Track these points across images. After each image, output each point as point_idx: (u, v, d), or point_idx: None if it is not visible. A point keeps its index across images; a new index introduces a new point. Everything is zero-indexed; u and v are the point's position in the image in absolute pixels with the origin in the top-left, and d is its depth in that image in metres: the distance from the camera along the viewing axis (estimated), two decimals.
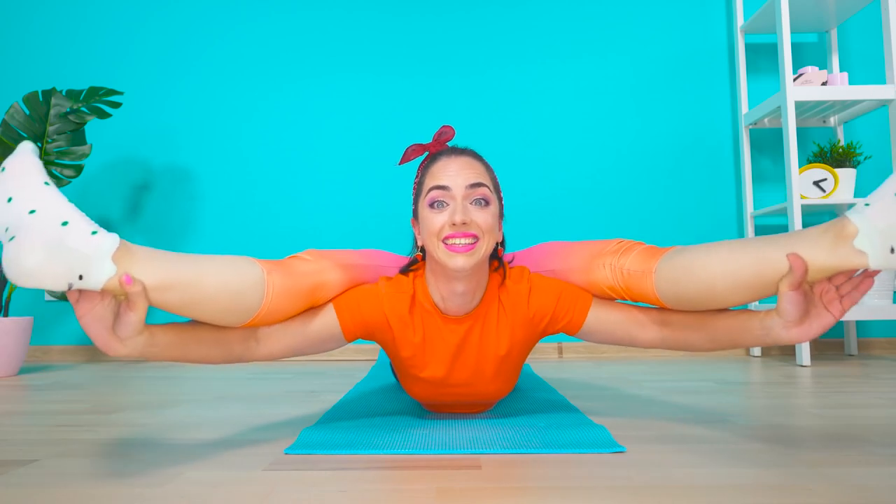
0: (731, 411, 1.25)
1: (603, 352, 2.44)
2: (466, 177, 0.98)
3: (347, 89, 2.60)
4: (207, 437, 1.07)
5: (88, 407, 1.42)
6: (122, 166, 2.64)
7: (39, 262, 0.67)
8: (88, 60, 2.67)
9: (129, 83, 2.66)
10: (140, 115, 2.65)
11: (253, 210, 2.58)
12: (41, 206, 0.70)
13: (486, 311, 1.09)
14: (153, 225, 2.60)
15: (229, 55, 2.64)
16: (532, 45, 2.59)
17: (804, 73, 2.22)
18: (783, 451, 0.92)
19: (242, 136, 2.62)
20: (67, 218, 0.70)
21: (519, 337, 1.11)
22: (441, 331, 1.08)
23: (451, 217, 0.96)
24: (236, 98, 2.63)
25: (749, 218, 2.41)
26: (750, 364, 2.10)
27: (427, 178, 1.02)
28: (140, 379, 1.93)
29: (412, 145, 1.10)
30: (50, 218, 0.69)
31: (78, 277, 0.69)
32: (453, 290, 1.03)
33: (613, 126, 2.55)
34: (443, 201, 0.98)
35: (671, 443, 0.98)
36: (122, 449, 1.00)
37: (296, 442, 1.00)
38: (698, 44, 2.57)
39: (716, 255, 0.89)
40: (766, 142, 2.53)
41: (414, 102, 2.59)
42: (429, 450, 0.94)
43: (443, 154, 1.04)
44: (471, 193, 0.98)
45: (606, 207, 2.51)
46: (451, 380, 1.12)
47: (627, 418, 1.19)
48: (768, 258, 0.83)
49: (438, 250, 0.97)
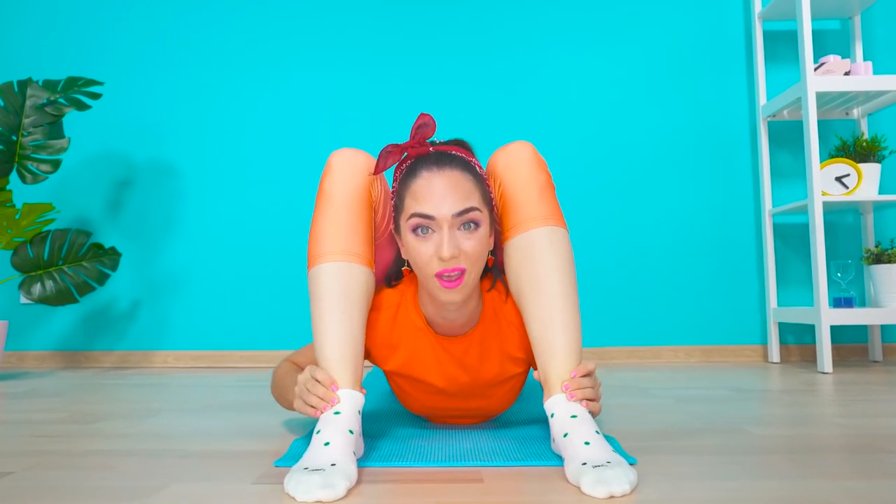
0: (747, 421, 1.25)
1: (612, 358, 2.44)
2: (453, 202, 0.94)
3: (339, 80, 2.60)
4: (192, 449, 1.07)
5: (66, 416, 1.41)
6: (102, 161, 2.64)
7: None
8: (67, 49, 2.67)
9: (109, 73, 2.66)
10: (121, 106, 2.65)
11: (241, 207, 2.58)
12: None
13: (484, 331, 1.09)
14: (135, 223, 2.60)
15: (216, 43, 2.64)
16: (538, 33, 2.59)
17: (826, 62, 2.22)
18: (803, 463, 0.92)
19: (230, 130, 2.62)
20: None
21: (521, 355, 1.11)
22: (435, 350, 1.08)
23: (438, 250, 0.93)
24: (224, 89, 2.63)
25: (767, 216, 2.41)
26: (768, 371, 2.10)
27: (408, 199, 0.96)
28: (121, 386, 1.93)
29: (387, 147, 1.02)
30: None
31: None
32: (445, 311, 1.04)
33: (623, 118, 2.55)
34: (427, 227, 0.95)
35: (684, 454, 0.98)
36: (101, 461, 1.00)
37: (286, 454, 1.00)
38: (714, 31, 2.57)
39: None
40: (786, 135, 2.53)
41: (412, 93, 2.59)
42: (428, 462, 0.94)
43: (423, 166, 0.97)
44: (457, 221, 0.95)
45: (615, 204, 2.51)
46: (446, 400, 1.13)
47: (638, 428, 1.19)
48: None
49: (430, 283, 0.96)
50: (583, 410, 0.93)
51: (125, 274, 2.58)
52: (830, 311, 2.03)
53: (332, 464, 0.84)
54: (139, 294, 2.57)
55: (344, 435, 0.90)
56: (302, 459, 0.87)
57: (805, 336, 2.46)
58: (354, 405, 0.94)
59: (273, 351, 2.51)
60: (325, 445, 0.88)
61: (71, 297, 2.26)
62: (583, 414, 0.92)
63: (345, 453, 0.87)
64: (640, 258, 2.50)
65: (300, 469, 0.83)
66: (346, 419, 0.92)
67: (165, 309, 2.56)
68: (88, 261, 2.31)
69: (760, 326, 2.46)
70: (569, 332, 0.98)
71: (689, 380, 1.90)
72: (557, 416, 0.93)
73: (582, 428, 0.90)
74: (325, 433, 0.90)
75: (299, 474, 0.81)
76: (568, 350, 0.97)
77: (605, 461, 0.83)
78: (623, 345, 2.46)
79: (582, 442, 0.88)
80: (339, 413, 0.92)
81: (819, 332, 2.03)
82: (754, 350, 2.44)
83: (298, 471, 0.82)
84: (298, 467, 0.84)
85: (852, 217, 2.48)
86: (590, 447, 0.87)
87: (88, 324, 2.58)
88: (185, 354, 2.53)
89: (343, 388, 0.96)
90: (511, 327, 1.09)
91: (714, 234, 2.50)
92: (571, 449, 0.88)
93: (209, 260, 2.57)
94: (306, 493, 0.77)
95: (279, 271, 2.55)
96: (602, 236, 2.51)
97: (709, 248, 2.49)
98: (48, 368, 2.51)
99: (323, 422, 0.92)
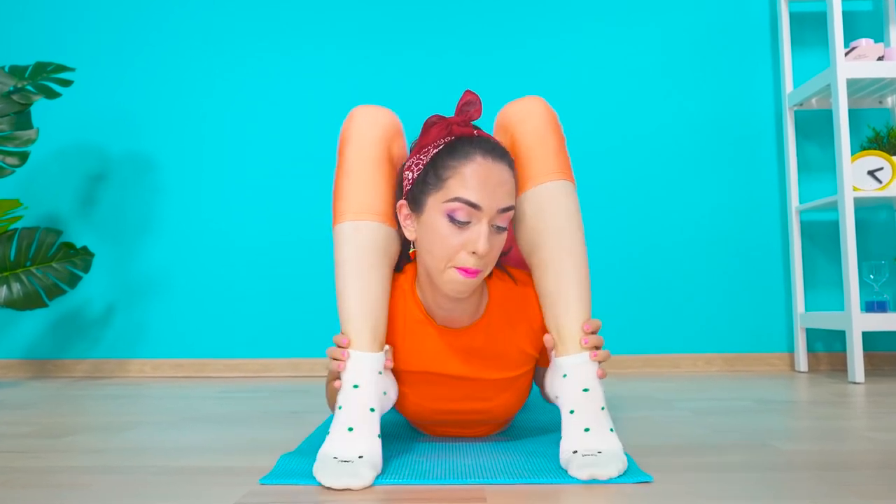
0: (772, 435, 1.25)
1: (626, 367, 2.44)
2: (501, 198, 0.98)
3: (330, 66, 2.60)
4: (172, 465, 1.07)
5: (34, 430, 1.41)
6: (74, 153, 2.64)
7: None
8: (35, 32, 2.67)
9: (81, 58, 2.66)
10: (94, 94, 2.65)
11: (225, 203, 2.58)
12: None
13: (489, 323, 1.10)
14: (109, 220, 2.60)
15: (197, 26, 2.64)
16: (546, 18, 2.59)
17: (857, 46, 2.22)
18: (833, 480, 0.92)
19: (213, 120, 2.62)
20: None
21: (530, 350, 1.12)
22: (435, 342, 1.09)
23: (473, 244, 0.96)
24: (206, 76, 2.63)
25: (794, 213, 2.41)
26: (794, 380, 2.10)
27: (453, 179, 0.97)
28: (94, 398, 1.93)
29: (431, 118, 1.04)
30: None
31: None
32: (445, 302, 1.06)
33: (637, 108, 2.55)
34: (468, 221, 0.97)
35: (704, 471, 0.98)
36: (73, 479, 1.00)
37: (273, 470, 1.00)
38: (736, 13, 2.57)
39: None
40: (814, 125, 2.53)
41: (409, 84, 2.59)
42: (427, 479, 0.94)
43: (477, 149, 0.98)
44: (499, 218, 0.98)
45: (628, 201, 2.51)
46: (445, 401, 1.13)
47: (654, 443, 1.19)
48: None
49: (445, 273, 0.98)
50: (595, 382, 1.02)
51: (99, 276, 2.58)
52: (862, 315, 2.03)
53: (359, 456, 0.94)
54: (114, 298, 2.57)
55: (366, 417, 0.98)
56: (327, 444, 0.97)
57: (835, 343, 2.46)
58: (373, 368, 1.01)
59: (260, 359, 2.51)
60: (350, 431, 0.97)
61: (40, 300, 2.26)
62: (594, 387, 1.01)
63: (370, 443, 0.96)
64: (656, 259, 2.50)
65: (329, 458, 0.94)
66: (365, 394, 0.99)
67: (142, 314, 2.56)
68: (59, 261, 2.32)
69: (786, 333, 2.46)
70: (583, 288, 1.06)
71: (709, 390, 1.90)
72: (570, 382, 1.02)
73: (589, 406, 1.00)
74: (346, 412, 0.98)
75: (328, 464, 0.93)
76: (584, 305, 1.05)
77: (597, 451, 0.95)
78: (638, 353, 2.46)
79: (582, 428, 0.98)
80: (358, 386, 1.00)
81: (850, 339, 2.03)
82: (780, 358, 2.44)
83: (327, 460, 0.94)
84: (326, 455, 0.95)
85: (886, 214, 2.48)
86: (588, 434, 0.98)
87: (59, 330, 2.58)
88: (163, 363, 2.53)
89: (360, 349, 1.02)
90: (520, 321, 1.11)
91: (736, 233, 2.50)
92: (571, 431, 0.99)
93: (190, 261, 2.57)
94: (336, 480, 0.89)
95: (267, 273, 2.55)
96: (614, 235, 2.51)
97: (730, 248, 2.49)
98: (15, 378, 2.51)
99: (344, 393, 1.00)
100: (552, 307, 1.05)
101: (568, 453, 0.97)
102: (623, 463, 0.94)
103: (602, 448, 0.96)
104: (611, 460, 0.93)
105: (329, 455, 0.95)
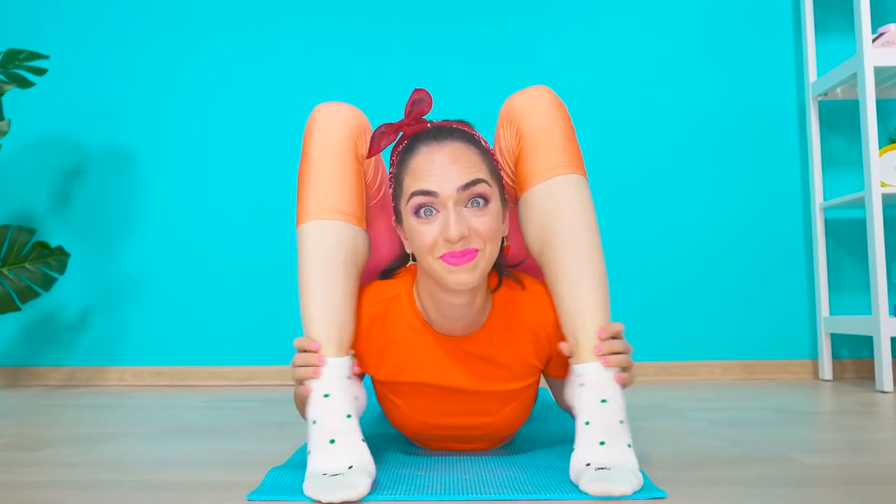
0: (794, 447, 1.25)
1: (640, 375, 2.44)
2: (457, 175, 0.97)
3: (321, 52, 2.60)
4: (153, 479, 1.07)
5: (6, 442, 1.41)
6: (49, 147, 2.64)
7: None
8: (6, 16, 2.67)
9: (56, 46, 2.66)
10: (70, 84, 2.65)
11: (209, 201, 2.58)
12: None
13: (492, 332, 1.09)
14: (86, 218, 2.60)
15: (179, 11, 2.64)
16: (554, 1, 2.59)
17: (886, 31, 2.22)
18: (859, 496, 0.92)
19: (197, 112, 2.62)
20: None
21: (535, 361, 1.12)
22: (433, 351, 1.09)
23: (444, 231, 0.96)
24: (189, 64, 2.63)
25: (818, 210, 2.41)
26: (818, 389, 2.10)
27: (406, 177, 1.01)
28: (70, 407, 1.93)
29: (379, 127, 1.06)
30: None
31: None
32: (450, 302, 1.04)
33: (651, 99, 2.55)
34: (430, 208, 0.98)
35: (720, 485, 0.98)
36: (47, 494, 0.99)
37: (261, 485, 1.00)
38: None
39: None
40: (839, 117, 2.53)
41: (406, 71, 2.59)
42: (425, 495, 0.94)
43: (421, 141, 1.02)
44: (464, 196, 0.98)
45: (641, 198, 2.51)
46: (444, 415, 1.13)
47: (668, 454, 1.19)
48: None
49: (435, 266, 0.99)
50: (614, 392, 1.01)
51: (75, 277, 2.58)
52: (891, 320, 2.03)
53: (349, 466, 0.95)
54: (91, 301, 2.57)
55: (344, 425, 0.99)
56: (312, 461, 0.97)
57: (862, 349, 2.46)
58: (342, 374, 1.02)
59: (245, 367, 2.51)
60: (332, 444, 0.97)
61: (11, 304, 2.26)
62: (613, 397, 1.00)
63: (355, 450, 0.97)
64: (670, 260, 2.50)
65: (317, 475, 0.94)
66: (337, 402, 1.00)
67: (122, 318, 2.56)
68: (32, 262, 2.32)
69: (810, 338, 2.46)
70: (600, 289, 1.05)
71: (726, 400, 1.90)
72: (586, 392, 1.01)
73: (607, 418, 0.99)
74: (322, 425, 0.98)
75: (319, 481, 0.92)
76: (601, 309, 1.05)
77: (610, 465, 0.95)
78: (651, 360, 2.46)
79: (598, 441, 0.98)
80: (329, 395, 1.00)
81: (878, 345, 2.03)
82: (802, 365, 2.44)
83: (316, 477, 0.94)
84: (314, 474, 0.95)
85: None
86: (603, 448, 0.97)
87: (32, 335, 2.58)
88: (144, 371, 2.54)
89: (326, 355, 1.02)
90: (525, 330, 1.10)
91: (756, 232, 2.50)
92: (585, 443, 0.98)
93: (172, 262, 2.57)
94: (331, 494, 0.88)
95: (253, 276, 2.55)
96: (626, 235, 2.51)
97: (750, 247, 2.49)
98: None
99: (314, 406, 1.00)
100: (567, 311, 1.05)
101: (580, 465, 0.96)
102: (639, 480, 0.93)
103: (615, 463, 0.95)
104: (625, 476, 0.92)
105: (318, 473, 0.95)
